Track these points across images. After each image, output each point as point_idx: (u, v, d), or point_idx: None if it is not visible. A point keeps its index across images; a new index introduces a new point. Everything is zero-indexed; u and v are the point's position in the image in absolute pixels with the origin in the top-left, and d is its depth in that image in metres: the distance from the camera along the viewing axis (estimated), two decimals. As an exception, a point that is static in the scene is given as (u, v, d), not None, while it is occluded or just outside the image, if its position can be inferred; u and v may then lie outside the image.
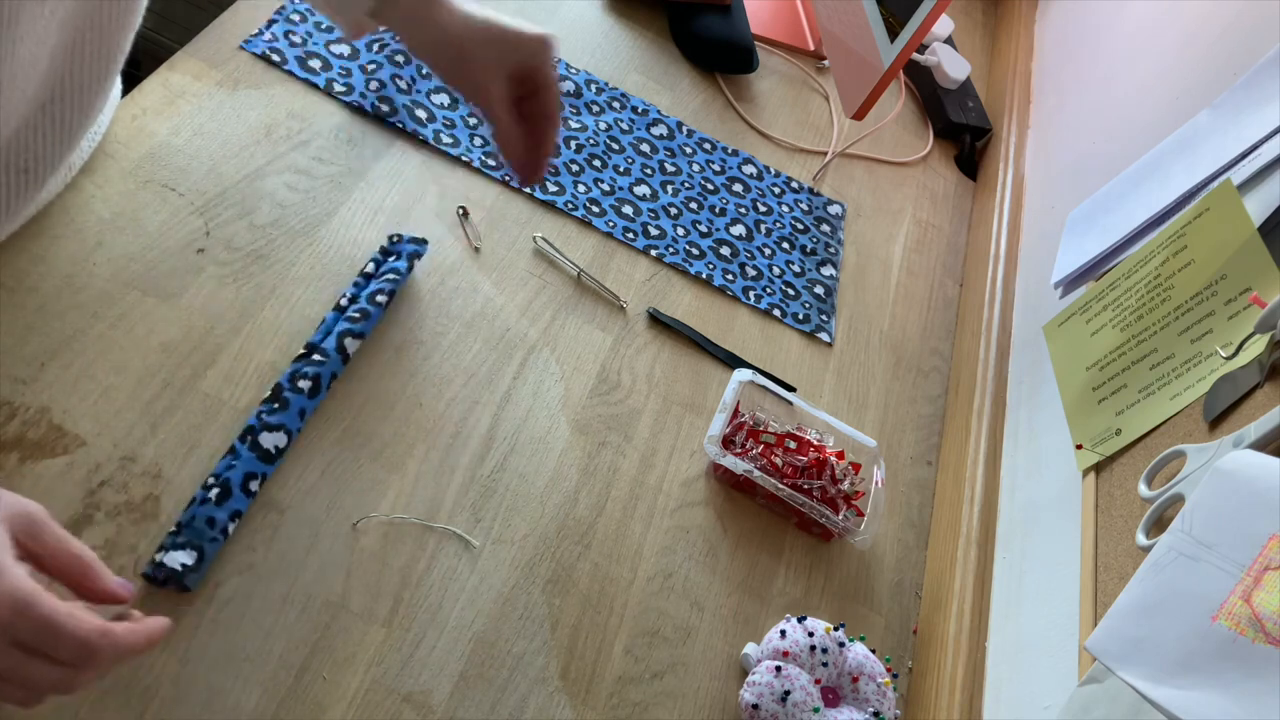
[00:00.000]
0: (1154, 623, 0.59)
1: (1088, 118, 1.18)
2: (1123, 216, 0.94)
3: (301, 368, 0.76)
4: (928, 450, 1.03)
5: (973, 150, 1.37)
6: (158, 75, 0.89)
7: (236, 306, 0.79)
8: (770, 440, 0.90)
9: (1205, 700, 0.54)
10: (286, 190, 0.87)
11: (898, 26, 1.05)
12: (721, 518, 0.88)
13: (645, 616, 0.79)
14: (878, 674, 0.79)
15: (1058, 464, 0.87)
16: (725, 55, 1.24)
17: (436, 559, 0.75)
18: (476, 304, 0.89)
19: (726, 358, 0.97)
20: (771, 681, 0.75)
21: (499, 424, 0.83)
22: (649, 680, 0.76)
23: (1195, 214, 0.82)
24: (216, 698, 0.63)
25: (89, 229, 0.77)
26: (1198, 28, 1.02)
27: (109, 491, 0.67)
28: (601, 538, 0.81)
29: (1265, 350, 0.67)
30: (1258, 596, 0.54)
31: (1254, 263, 0.73)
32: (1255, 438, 0.63)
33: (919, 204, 1.28)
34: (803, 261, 1.11)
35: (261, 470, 0.70)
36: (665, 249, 1.03)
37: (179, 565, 0.64)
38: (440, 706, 0.69)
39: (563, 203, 1.00)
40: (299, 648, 0.67)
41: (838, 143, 1.27)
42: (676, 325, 0.96)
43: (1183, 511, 0.62)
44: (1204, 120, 0.90)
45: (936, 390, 1.09)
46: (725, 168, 1.15)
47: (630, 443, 0.88)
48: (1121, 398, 0.81)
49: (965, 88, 1.40)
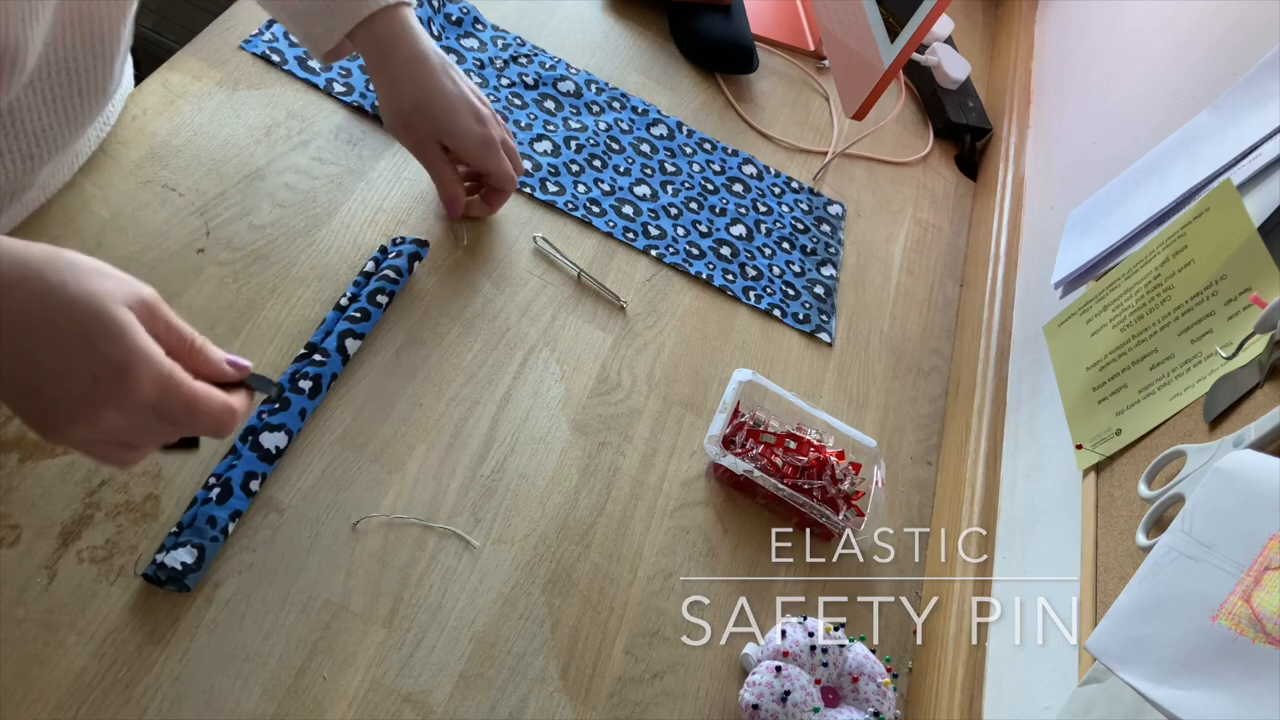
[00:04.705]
0: (1154, 623, 0.59)
1: (1088, 118, 1.18)
2: (1123, 216, 0.94)
3: (302, 368, 0.76)
4: (928, 450, 1.03)
5: (973, 150, 1.37)
6: (158, 75, 0.89)
7: (236, 306, 0.79)
8: (770, 440, 0.90)
9: (1205, 700, 0.54)
10: (286, 190, 0.87)
11: (898, 26, 1.05)
12: (721, 518, 0.88)
13: (645, 616, 0.79)
14: (878, 674, 0.79)
15: (1058, 464, 0.87)
16: (725, 55, 1.24)
17: (436, 559, 0.75)
18: (476, 304, 0.89)
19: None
20: (771, 681, 0.75)
21: (499, 424, 0.83)
22: (649, 680, 0.76)
23: (1195, 214, 0.82)
24: (216, 698, 0.63)
25: (89, 229, 0.77)
26: (1198, 28, 1.02)
27: (109, 491, 0.67)
28: (601, 538, 0.81)
29: (1265, 350, 0.67)
30: (1258, 596, 0.54)
31: (1254, 263, 0.73)
32: (1255, 438, 0.63)
33: (919, 204, 1.28)
34: (803, 261, 1.11)
35: (262, 470, 0.70)
36: (665, 249, 1.03)
37: (179, 564, 0.64)
38: (440, 706, 0.69)
39: (563, 203, 1.00)
40: (299, 648, 0.67)
41: (838, 143, 1.27)
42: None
43: (1183, 511, 0.62)
44: (1204, 120, 0.90)
45: (936, 390, 1.09)
46: (725, 168, 1.15)
47: (630, 443, 0.88)
48: (1122, 398, 0.81)
49: (965, 88, 1.40)
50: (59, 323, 0.49)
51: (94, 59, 0.70)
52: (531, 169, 1.01)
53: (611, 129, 1.10)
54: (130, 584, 0.65)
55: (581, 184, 1.03)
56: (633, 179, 1.07)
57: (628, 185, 1.06)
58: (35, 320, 0.49)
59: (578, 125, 1.08)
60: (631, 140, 1.10)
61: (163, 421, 0.52)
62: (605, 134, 1.09)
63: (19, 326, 0.49)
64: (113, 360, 0.49)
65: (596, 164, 1.06)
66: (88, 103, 0.73)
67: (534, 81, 1.09)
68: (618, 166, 1.07)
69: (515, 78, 1.08)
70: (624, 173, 1.07)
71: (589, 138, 1.07)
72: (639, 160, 1.09)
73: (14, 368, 0.49)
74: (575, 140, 1.06)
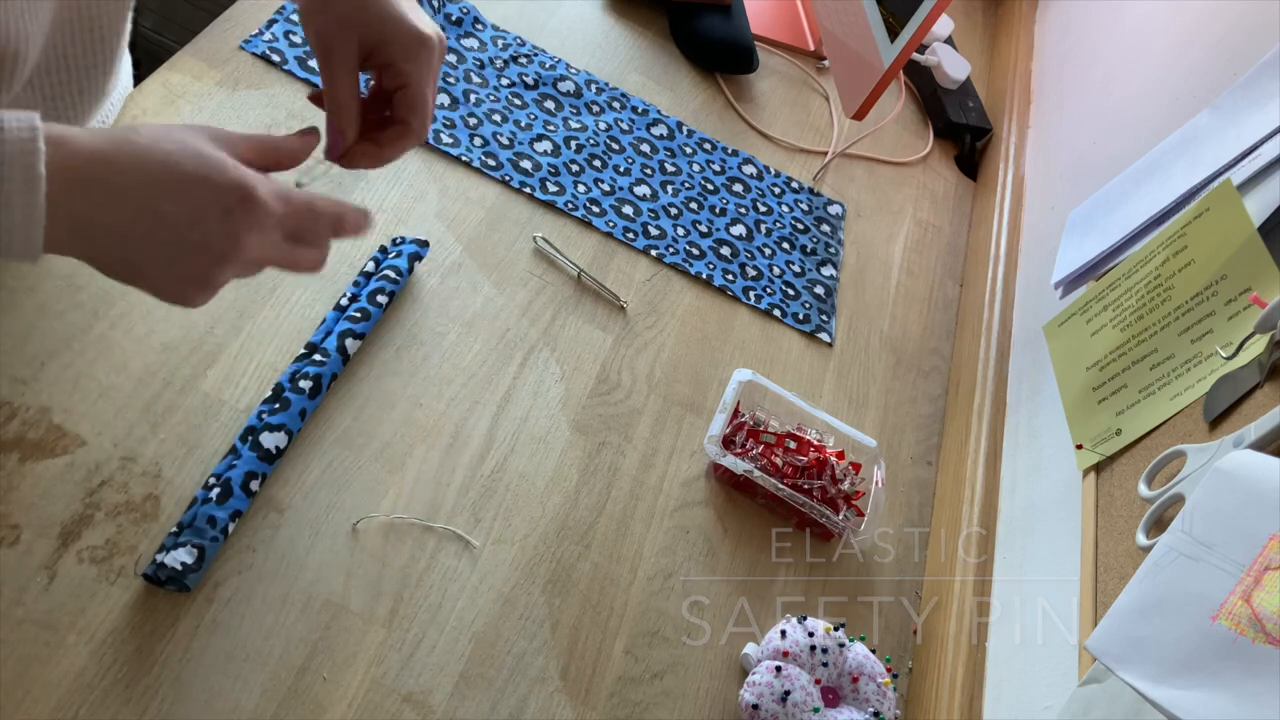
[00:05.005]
0: (1154, 623, 0.59)
1: (1088, 118, 1.18)
2: (1123, 216, 0.94)
3: (302, 368, 0.76)
4: (928, 450, 1.03)
5: (973, 150, 1.36)
6: (158, 75, 0.89)
7: (236, 306, 0.79)
8: (770, 440, 0.90)
9: (1205, 700, 0.54)
10: (286, 190, 0.87)
11: (898, 26, 1.05)
12: (721, 518, 0.88)
13: (645, 616, 0.79)
14: (878, 674, 0.79)
15: (1058, 464, 0.87)
16: (725, 55, 1.24)
17: (436, 559, 0.75)
18: (476, 304, 0.89)
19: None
20: (771, 681, 0.75)
21: (499, 424, 0.83)
22: (649, 680, 0.76)
23: (1195, 214, 0.82)
24: (216, 698, 0.63)
25: (89, 229, 0.77)
26: (1198, 28, 1.02)
27: (109, 491, 0.67)
28: (601, 538, 0.81)
29: (1265, 350, 0.67)
30: (1258, 596, 0.54)
31: (1254, 263, 0.73)
32: (1255, 438, 0.63)
33: (919, 204, 1.28)
34: (803, 261, 1.11)
35: (262, 470, 0.70)
36: (665, 249, 1.03)
37: (179, 564, 0.64)
38: (440, 706, 0.69)
39: (563, 203, 1.00)
40: (299, 648, 0.67)
41: (838, 143, 1.27)
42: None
43: (1183, 511, 0.62)
44: (1204, 120, 0.90)
45: (936, 390, 1.09)
46: (725, 168, 1.15)
47: (630, 443, 0.88)
48: (1122, 398, 0.81)
49: (965, 88, 1.40)
50: (171, 176, 0.51)
51: (93, 57, 0.70)
52: (531, 169, 1.01)
53: (611, 129, 1.10)
54: (130, 584, 0.65)
55: (581, 184, 1.03)
56: (633, 179, 1.07)
57: (628, 185, 1.06)
58: (150, 182, 0.50)
59: (578, 125, 1.08)
60: (631, 140, 1.10)
61: (289, 238, 0.56)
62: (605, 134, 1.09)
63: (140, 191, 0.50)
64: (232, 188, 0.51)
65: (596, 164, 1.06)
66: (87, 101, 0.73)
67: (534, 81, 1.09)
68: (618, 166, 1.07)
69: (515, 78, 1.08)
70: (624, 173, 1.07)
71: (589, 138, 1.07)
72: (639, 160, 1.09)
73: (150, 235, 0.51)
74: (575, 140, 1.06)
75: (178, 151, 0.51)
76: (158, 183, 0.50)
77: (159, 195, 0.50)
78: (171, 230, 0.51)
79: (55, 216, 0.48)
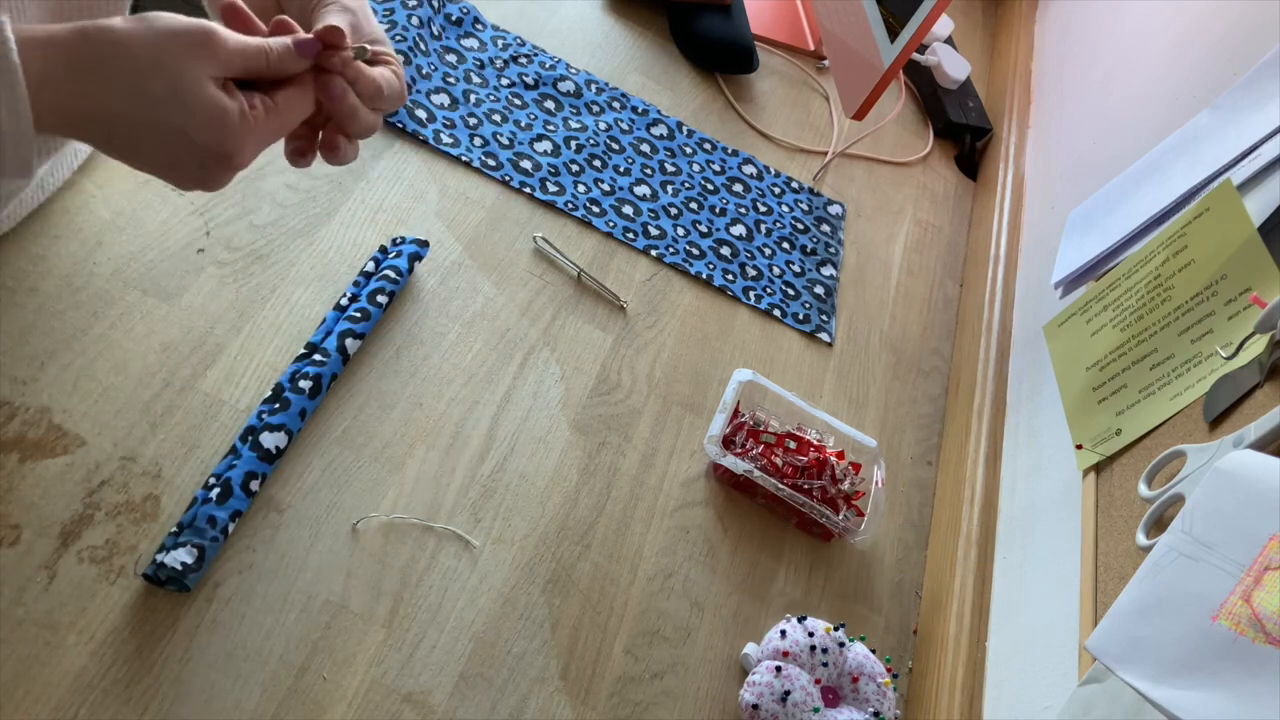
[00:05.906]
0: (1154, 623, 0.59)
1: (1088, 118, 1.18)
2: (1123, 216, 0.94)
3: (302, 367, 0.76)
4: (928, 450, 1.03)
5: (973, 150, 1.37)
6: (158, 75, 0.89)
7: (236, 306, 0.79)
8: (770, 440, 0.90)
9: (1205, 700, 0.54)
10: (286, 190, 0.87)
11: (898, 26, 1.05)
12: (721, 518, 0.88)
13: (645, 616, 0.79)
14: (878, 674, 0.79)
15: (1058, 464, 0.87)
16: (725, 55, 1.24)
17: (436, 559, 0.75)
18: (476, 304, 0.89)
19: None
20: (771, 681, 0.75)
21: (499, 424, 0.83)
22: (649, 680, 0.76)
23: (1195, 214, 0.82)
24: (216, 698, 0.63)
25: (89, 229, 0.77)
26: (1198, 28, 1.02)
27: (109, 491, 0.67)
28: (601, 538, 0.81)
29: (1265, 350, 0.67)
30: (1258, 596, 0.54)
31: (1254, 263, 0.73)
32: (1255, 438, 0.63)
33: (919, 204, 1.28)
34: (803, 261, 1.11)
35: (262, 470, 0.70)
36: (665, 249, 1.03)
37: (179, 564, 0.64)
38: (440, 706, 0.69)
39: (563, 203, 1.00)
40: (299, 648, 0.67)
41: (838, 143, 1.27)
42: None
43: (1183, 511, 0.62)
44: (1204, 120, 0.90)
45: (936, 390, 1.09)
46: (725, 168, 1.15)
47: (630, 443, 0.88)
48: (1122, 398, 0.81)
49: (965, 88, 1.40)
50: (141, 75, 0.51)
51: None
52: (531, 169, 1.01)
53: (611, 129, 1.10)
54: (130, 584, 0.65)
55: (581, 184, 1.03)
56: (633, 179, 1.07)
57: (628, 185, 1.06)
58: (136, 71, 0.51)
59: (578, 125, 1.08)
60: (631, 140, 1.10)
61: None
62: (605, 134, 1.09)
63: (128, 77, 0.50)
64: (212, 143, 0.53)
65: (596, 164, 1.06)
66: None
67: (534, 81, 1.09)
68: (618, 166, 1.07)
69: (515, 78, 1.08)
70: (624, 173, 1.07)
71: (589, 138, 1.07)
72: (639, 160, 1.09)
73: (150, 126, 0.52)
74: (575, 140, 1.06)
75: (150, 47, 0.51)
76: (141, 74, 0.51)
77: (146, 78, 0.51)
78: (165, 134, 0.52)
79: (41, 100, 0.49)
